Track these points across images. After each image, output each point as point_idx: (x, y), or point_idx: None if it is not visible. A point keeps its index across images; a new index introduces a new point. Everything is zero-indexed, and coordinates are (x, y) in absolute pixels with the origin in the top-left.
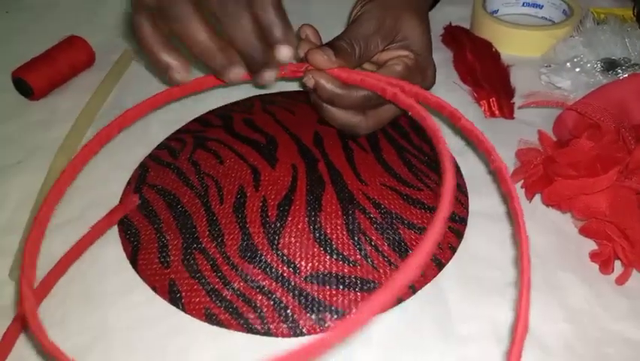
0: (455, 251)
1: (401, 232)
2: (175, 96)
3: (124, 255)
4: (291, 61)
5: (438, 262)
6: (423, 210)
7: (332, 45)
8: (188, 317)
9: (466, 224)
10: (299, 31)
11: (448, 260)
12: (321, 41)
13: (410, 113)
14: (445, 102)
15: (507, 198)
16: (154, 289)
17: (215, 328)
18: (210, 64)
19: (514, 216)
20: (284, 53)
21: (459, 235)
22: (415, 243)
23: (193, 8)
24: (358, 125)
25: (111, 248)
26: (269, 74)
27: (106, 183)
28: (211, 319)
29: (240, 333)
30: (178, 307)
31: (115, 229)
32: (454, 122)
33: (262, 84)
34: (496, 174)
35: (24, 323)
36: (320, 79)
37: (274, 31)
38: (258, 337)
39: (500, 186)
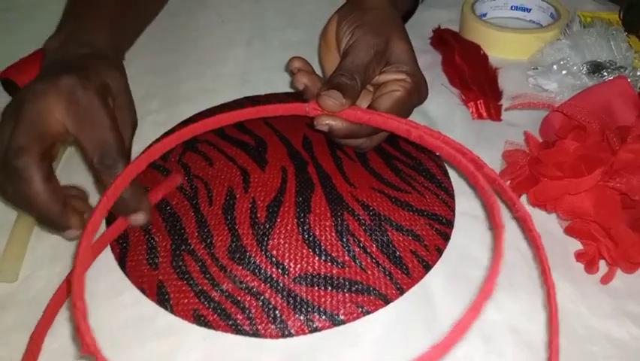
0: (442, 253)
1: (389, 234)
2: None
3: (112, 256)
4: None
5: (425, 264)
6: (411, 213)
7: (336, 85)
8: (176, 318)
9: (452, 226)
10: (288, 64)
11: (434, 262)
12: (312, 68)
13: (439, 154)
14: (467, 148)
15: (532, 247)
16: (142, 290)
17: (203, 329)
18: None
19: (540, 263)
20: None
21: (445, 237)
22: (402, 245)
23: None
24: (362, 145)
25: (104, 251)
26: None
27: (95, 184)
28: (199, 320)
29: (228, 334)
30: (166, 308)
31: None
32: (476, 168)
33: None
34: (519, 221)
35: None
36: (333, 123)
37: None
38: (246, 338)
39: (526, 234)
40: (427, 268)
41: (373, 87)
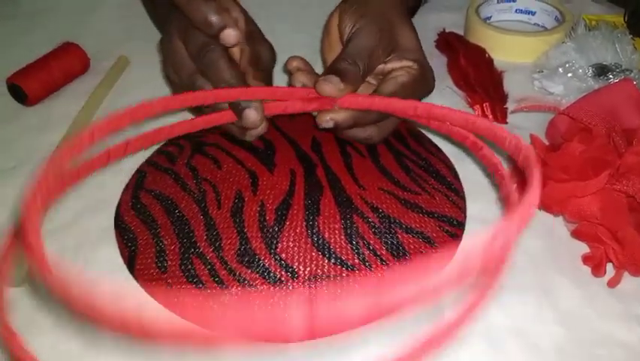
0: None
1: (399, 236)
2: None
3: (121, 260)
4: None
5: None
6: (421, 215)
7: (335, 70)
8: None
9: (463, 228)
10: (287, 64)
11: None
12: (311, 68)
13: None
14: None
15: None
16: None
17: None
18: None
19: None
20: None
21: (457, 239)
22: (412, 247)
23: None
24: (372, 135)
25: (108, 253)
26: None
27: (102, 188)
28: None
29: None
30: (175, 312)
31: (111, 234)
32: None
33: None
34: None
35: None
36: (336, 117)
37: None
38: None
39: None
40: None
41: (377, 80)
